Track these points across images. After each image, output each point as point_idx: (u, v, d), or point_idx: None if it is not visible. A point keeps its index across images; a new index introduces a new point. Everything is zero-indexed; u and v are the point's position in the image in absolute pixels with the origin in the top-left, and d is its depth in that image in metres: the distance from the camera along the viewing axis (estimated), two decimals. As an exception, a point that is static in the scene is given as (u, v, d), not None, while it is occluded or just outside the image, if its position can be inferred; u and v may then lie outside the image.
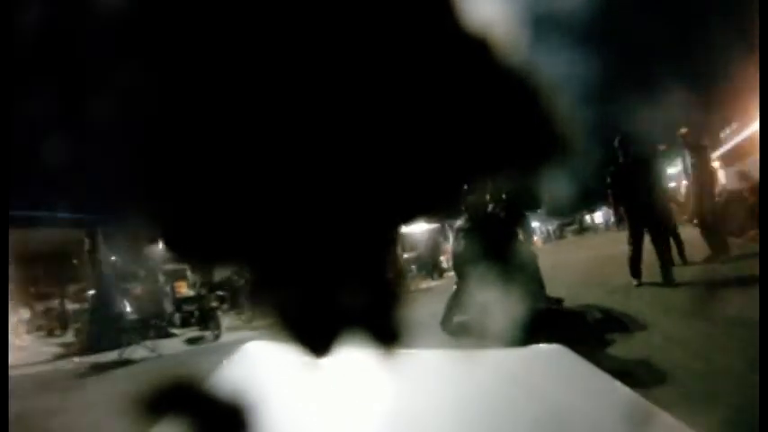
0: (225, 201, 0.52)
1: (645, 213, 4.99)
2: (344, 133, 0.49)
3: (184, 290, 10.24)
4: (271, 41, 0.49)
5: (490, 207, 4.36)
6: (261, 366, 1.22)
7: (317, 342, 0.57)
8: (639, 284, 4.96)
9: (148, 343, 6.55)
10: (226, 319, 8.21)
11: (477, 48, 0.48)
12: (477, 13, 0.49)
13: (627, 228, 5.28)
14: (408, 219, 0.58)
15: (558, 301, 4.59)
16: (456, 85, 0.49)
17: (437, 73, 0.48)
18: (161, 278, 10.32)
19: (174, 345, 7.11)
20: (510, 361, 1.34)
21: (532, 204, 4.77)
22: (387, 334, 0.57)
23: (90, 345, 7.36)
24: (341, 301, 0.56)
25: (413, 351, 0.67)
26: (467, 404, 1.04)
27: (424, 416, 0.98)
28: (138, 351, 6.37)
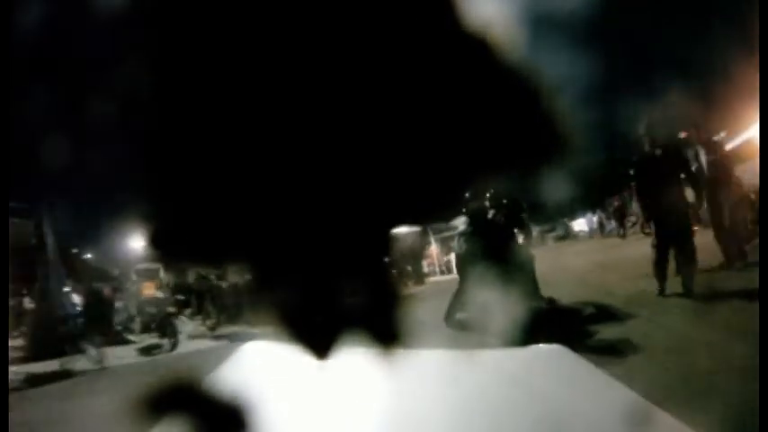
0: (221, 200, 0.52)
1: (675, 209, 4.20)
2: (341, 132, 0.49)
3: (151, 291, 8.76)
4: (266, 41, 0.49)
5: (490, 213, 4.56)
6: (261, 366, 1.22)
7: (317, 342, 0.57)
8: (662, 293, 4.14)
9: (95, 351, 5.62)
10: (190, 326, 7.17)
11: (470, 50, 0.49)
12: (472, 15, 0.49)
13: (654, 227, 4.44)
14: (407, 220, 0.58)
15: (552, 300, 4.75)
16: (448, 87, 0.49)
17: (429, 76, 0.48)
18: (133, 277, 9.15)
19: (124, 354, 6.18)
20: (510, 361, 1.35)
21: (515, 210, 4.80)
22: (386, 334, 0.57)
23: (33, 351, 6.34)
24: (340, 302, 0.56)
25: (413, 351, 0.67)
26: (467, 404, 1.04)
27: (425, 416, 0.98)
28: (82, 361, 5.47)
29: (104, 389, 4.10)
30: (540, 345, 1.36)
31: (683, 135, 5.22)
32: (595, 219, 17.27)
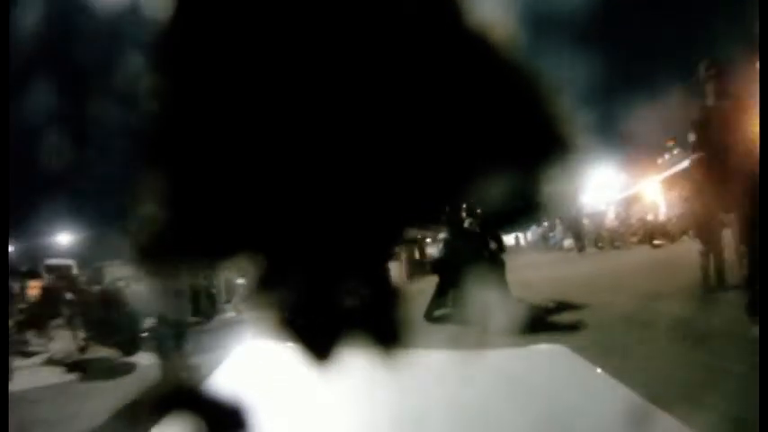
0: (225, 200, 0.52)
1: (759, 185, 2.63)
2: (340, 136, 0.49)
3: (37, 292, 6.57)
4: (272, 45, 0.49)
5: (467, 222, 5.15)
6: (261, 366, 1.22)
7: (318, 342, 0.57)
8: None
9: None
10: (58, 343, 4.90)
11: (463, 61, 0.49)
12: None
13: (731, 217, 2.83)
14: (408, 223, 0.58)
15: (520, 301, 5.17)
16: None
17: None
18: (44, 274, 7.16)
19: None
20: (510, 361, 1.35)
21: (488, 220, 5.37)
22: (387, 335, 0.57)
23: None
24: (341, 303, 0.56)
25: (413, 351, 0.67)
26: (467, 404, 1.04)
27: (425, 416, 0.98)
28: None
29: None
30: (541, 345, 1.37)
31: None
32: (539, 231, 16.83)
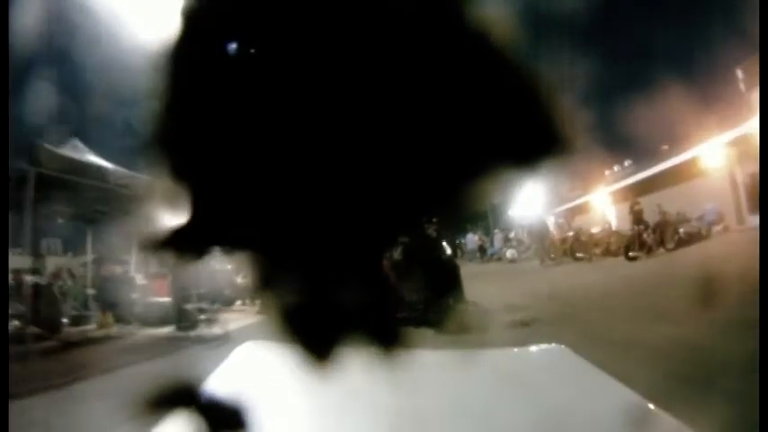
0: (225, 197, 0.52)
1: None
2: (340, 134, 0.49)
3: None
4: (272, 42, 0.49)
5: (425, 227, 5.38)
6: (260, 366, 1.22)
7: (317, 342, 0.57)
8: None
9: None
10: None
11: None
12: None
13: None
14: (409, 222, 0.58)
15: (474, 303, 5.43)
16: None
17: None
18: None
19: None
20: (510, 361, 1.35)
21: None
22: (386, 335, 0.57)
23: None
24: (340, 302, 0.56)
25: (413, 351, 0.67)
26: (467, 404, 1.04)
27: (425, 416, 0.98)
28: None
29: None
30: (541, 345, 1.37)
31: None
32: (475, 240, 16.19)
